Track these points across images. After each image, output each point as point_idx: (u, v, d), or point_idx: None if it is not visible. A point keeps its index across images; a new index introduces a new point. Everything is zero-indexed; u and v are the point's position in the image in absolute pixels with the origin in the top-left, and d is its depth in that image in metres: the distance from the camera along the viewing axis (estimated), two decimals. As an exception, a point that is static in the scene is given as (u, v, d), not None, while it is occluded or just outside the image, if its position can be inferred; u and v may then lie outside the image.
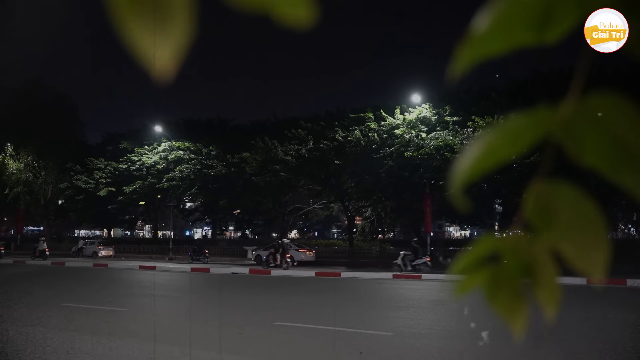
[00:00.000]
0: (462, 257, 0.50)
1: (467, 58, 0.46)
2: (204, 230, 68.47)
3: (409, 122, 27.11)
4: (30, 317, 9.75)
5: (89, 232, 62.48)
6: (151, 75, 0.45)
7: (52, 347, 7.39)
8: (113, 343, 7.61)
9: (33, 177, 38.43)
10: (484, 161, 0.47)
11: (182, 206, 46.64)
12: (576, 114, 0.45)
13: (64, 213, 46.04)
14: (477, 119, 24.31)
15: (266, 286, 16.49)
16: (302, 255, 26.27)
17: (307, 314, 10.50)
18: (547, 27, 0.45)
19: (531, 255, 0.48)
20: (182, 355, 6.83)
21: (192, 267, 23.79)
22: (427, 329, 8.69)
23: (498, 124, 0.47)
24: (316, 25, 0.44)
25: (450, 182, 0.47)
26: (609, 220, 0.57)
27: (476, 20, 0.46)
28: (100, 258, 30.36)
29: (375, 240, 40.21)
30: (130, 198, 37.13)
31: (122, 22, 0.43)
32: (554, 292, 0.48)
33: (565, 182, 0.47)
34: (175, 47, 0.43)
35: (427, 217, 27.29)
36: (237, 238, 52.74)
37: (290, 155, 29.64)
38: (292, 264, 22.67)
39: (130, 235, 62.34)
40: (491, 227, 41.33)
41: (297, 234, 64.59)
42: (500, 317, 0.50)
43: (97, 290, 15.05)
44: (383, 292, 15.45)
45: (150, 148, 36.40)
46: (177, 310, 10.98)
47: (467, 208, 0.48)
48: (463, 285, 0.50)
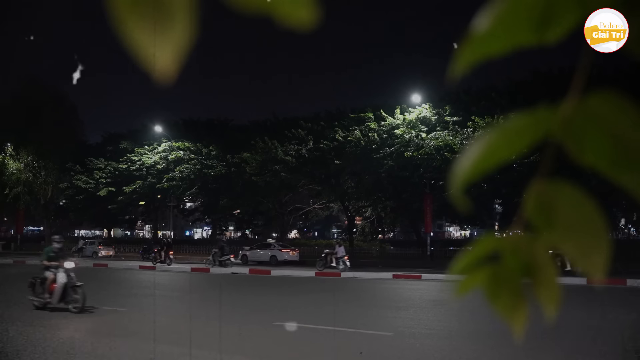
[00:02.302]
0: (462, 256, 0.50)
1: (467, 58, 0.46)
2: (204, 230, 68.50)
3: (409, 122, 27.11)
4: (31, 317, 9.75)
5: (89, 232, 62.49)
6: (152, 76, 0.45)
7: (52, 347, 7.39)
8: (113, 343, 7.60)
9: (33, 177, 38.41)
10: (484, 161, 0.47)
11: (182, 206, 46.68)
12: (576, 114, 0.45)
13: (64, 213, 46.06)
14: (477, 119, 24.31)
15: (266, 286, 16.48)
16: (286, 255, 26.92)
17: (307, 314, 10.49)
18: (547, 27, 0.45)
19: (531, 255, 0.48)
20: (182, 355, 6.83)
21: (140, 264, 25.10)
22: (427, 329, 8.69)
23: (498, 124, 0.47)
24: (317, 26, 0.44)
25: (451, 182, 0.47)
26: (609, 220, 0.58)
27: (476, 20, 0.46)
28: (100, 258, 30.36)
29: (375, 240, 40.23)
30: (130, 198, 37.15)
31: (123, 22, 0.43)
32: (554, 292, 0.48)
33: (565, 182, 0.47)
34: (175, 47, 0.43)
35: (427, 217, 27.31)
36: (237, 238, 52.76)
37: (290, 155, 29.64)
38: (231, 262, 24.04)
39: (131, 235, 62.38)
40: (491, 227, 41.29)
41: (297, 234, 64.58)
42: (500, 316, 0.50)
43: (97, 290, 15.03)
44: (383, 292, 15.44)
45: (150, 148, 36.40)
46: (177, 310, 10.98)
47: (467, 208, 0.48)
48: (463, 285, 0.50)
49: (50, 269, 10.57)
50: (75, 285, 10.45)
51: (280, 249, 27.17)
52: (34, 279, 10.88)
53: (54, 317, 9.91)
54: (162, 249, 25.88)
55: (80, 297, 10.34)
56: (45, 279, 10.64)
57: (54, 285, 10.43)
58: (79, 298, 10.34)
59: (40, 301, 10.59)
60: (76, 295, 10.38)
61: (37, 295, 10.70)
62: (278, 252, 26.67)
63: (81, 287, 10.42)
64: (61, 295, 10.36)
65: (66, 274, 10.45)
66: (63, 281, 10.37)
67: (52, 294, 10.43)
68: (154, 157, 35.92)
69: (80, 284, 10.47)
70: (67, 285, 10.38)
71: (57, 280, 10.39)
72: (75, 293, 10.40)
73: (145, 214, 49.40)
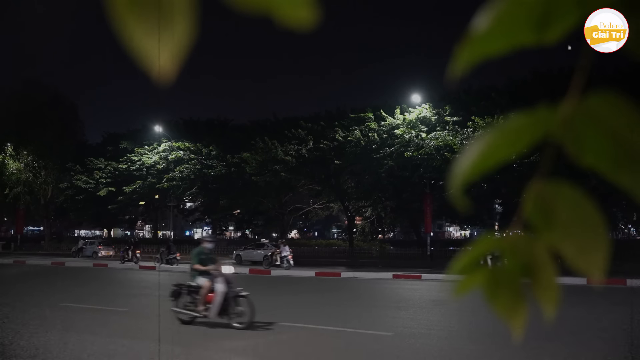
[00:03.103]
0: (461, 256, 0.50)
1: (467, 58, 0.46)
2: (204, 230, 68.44)
3: (409, 122, 27.12)
4: (31, 317, 9.74)
5: (89, 232, 62.48)
6: (152, 77, 0.45)
7: (52, 347, 7.39)
8: (113, 343, 7.60)
9: (33, 177, 38.42)
10: (484, 161, 0.47)
11: (182, 206, 46.66)
12: (576, 114, 0.45)
13: (64, 213, 46.06)
14: (477, 119, 24.31)
15: (266, 286, 16.49)
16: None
17: (307, 314, 10.49)
18: (547, 27, 0.45)
19: (531, 255, 0.48)
20: (182, 354, 6.83)
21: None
22: (427, 329, 8.69)
23: (498, 124, 0.47)
24: (317, 26, 0.44)
25: (450, 182, 0.47)
26: (608, 220, 0.57)
27: (476, 20, 0.46)
28: (100, 258, 30.35)
29: (375, 240, 40.24)
30: (130, 198, 37.16)
31: (123, 22, 0.43)
32: (554, 291, 0.48)
33: (565, 182, 0.47)
34: (176, 48, 0.43)
35: (427, 217, 27.32)
36: (237, 238, 52.76)
37: (290, 155, 29.64)
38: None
39: (130, 235, 62.35)
40: (491, 227, 41.31)
41: (297, 233, 64.58)
42: (499, 317, 0.50)
43: (97, 290, 15.05)
44: (383, 292, 15.44)
45: (150, 148, 36.41)
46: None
47: (468, 208, 0.48)
48: (463, 285, 0.50)
49: (204, 275, 8.85)
50: (238, 295, 8.62)
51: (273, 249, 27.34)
52: (179, 286, 9.15)
53: (54, 317, 9.84)
54: (129, 248, 26.92)
55: (247, 309, 8.49)
56: (197, 287, 8.88)
57: (210, 296, 8.66)
58: (245, 311, 8.50)
59: (190, 314, 8.85)
60: (240, 308, 8.57)
61: (184, 306, 8.97)
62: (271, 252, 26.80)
63: (247, 297, 8.60)
64: (221, 307, 8.57)
65: (225, 281, 8.69)
66: (223, 290, 8.58)
67: (208, 306, 8.67)
68: (154, 157, 35.92)
69: (246, 293, 8.66)
70: (228, 295, 8.59)
71: (216, 289, 8.61)
72: (237, 305, 8.58)
73: (145, 214, 49.41)
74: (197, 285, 8.90)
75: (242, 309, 8.52)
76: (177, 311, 8.99)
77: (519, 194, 1.02)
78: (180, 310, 8.99)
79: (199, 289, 8.83)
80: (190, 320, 8.86)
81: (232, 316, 8.54)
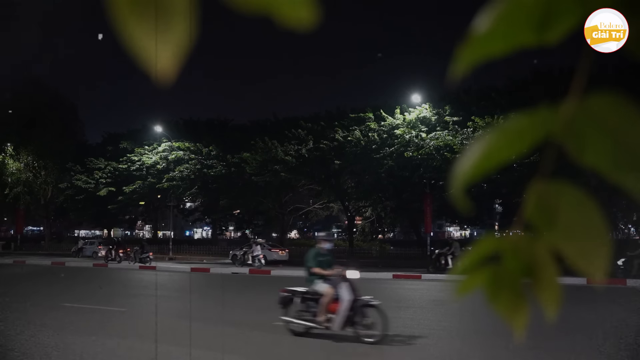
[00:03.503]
0: (463, 257, 0.50)
1: (467, 59, 0.46)
2: (204, 230, 68.47)
3: (409, 122, 27.10)
4: (31, 317, 9.74)
5: (89, 232, 62.46)
6: (152, 77, 0.45)
7: (52, 347, 7.39)
8: (113, 343, 7.60)
9: (33, 177, 38.42)
10: (484, 162, 0.47)
11: (182, 206, 46.62)
12: (577, 114, 0.45)
13: (64, 213, 46.03)
14: (477, 119, 24.30)
15: (266, 286, 16.48)
16: (275, 254, 27.50)
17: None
18: (547, 28, 0.45)
19: (532, 256, 0.48)
20: (182, 355, 6.83)
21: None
22: (427, 329, 8.69)
23: (498, 124, 0.47)
24: (317, 26, 0.44)
25: (451, 182, 0.47)
26: (609, 221, 0.58)
27: (477, 20, 0.46)
28: (100, 258, 30.36)
29: (375, 240, 40.24)
30: (130, 198, 37.12)
31: (123, 22, 0.43)
32: (555, 292, 0.48)
33: (566, 182, 0.47)
34: (176, 48, 0.43)
35: (427, 217, 27.30)
36: (237, 238, 52.75)
37: (290, 155, 29.63)
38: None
39: (130, 235, 62.33)
40: (491, 227, 41.32)
41: (297, 233, 64.59)
42: (501, 317, 0.50)
43: (97, 290, 15.05)
44: (383, 292, 15.43)
45: (150, 148, 36.39)
46: (177, 310, 10.98)
47: (468, 208, 0.48)
48: (464, 285, 0.50)
49: (324, 281, 7.77)
50: (367, 305, 7.54)
51: (269, 249, 27.71)
52: (292, 292, 8.15)
53: (54, 317, 9.82)
54: (112, 248, 27.74)
55: (380, 321, 7.39)
56: (316, 294, 7.80)
57: (334, 305, 7.60)
58: (376, 323, 7.43)
59: (306, 325, 7.84)
60: (368, 319, 7.49)
61: (297, 315, 7.97)
62: (267, 251, 27.03)
63: (377, 307, 7.51)
64: (347, 317, 7.52)
65: (351, 287, 7.58)
66: (349, 297, 7.49)
67: (330, 316, 7.62)
68: (154, 157, 35.90)
69: (377, 302, 7.58)
70: (356, 304, 7.51)
71: (341, 297, 7.52)
72: (365, 316, 7.51)
73: (145, 214, 49.37)
74: (315, 291, 7.77)
75: (371, 321, 7.46)
76: (287, 321, 8.02)
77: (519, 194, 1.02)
78: (291, 320, 7.98)
79: (317, 296, 7.74)
80: (305, 331, 7.90)
81: (360, 328, 7.50)
